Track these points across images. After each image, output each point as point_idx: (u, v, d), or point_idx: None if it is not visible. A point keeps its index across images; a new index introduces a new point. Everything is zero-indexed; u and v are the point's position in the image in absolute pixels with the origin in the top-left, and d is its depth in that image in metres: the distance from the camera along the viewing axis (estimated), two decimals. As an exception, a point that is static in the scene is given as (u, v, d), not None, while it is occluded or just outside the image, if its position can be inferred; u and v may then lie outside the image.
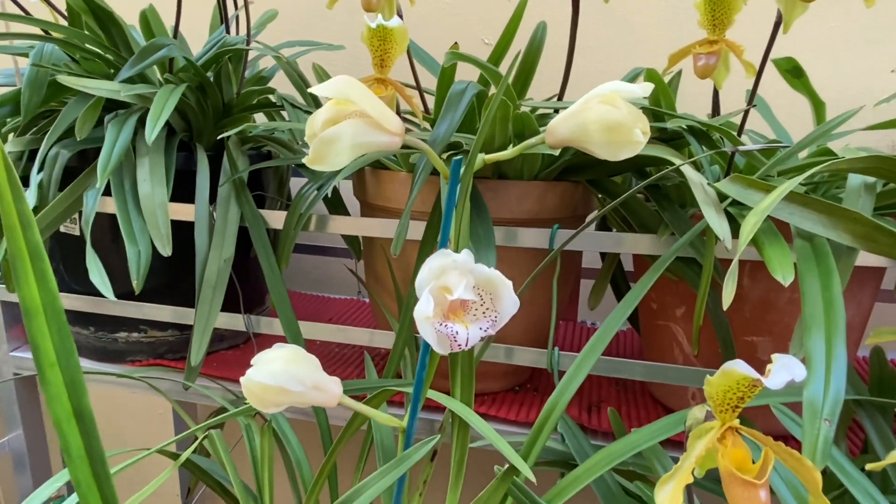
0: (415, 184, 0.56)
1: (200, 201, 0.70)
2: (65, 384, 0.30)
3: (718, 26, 0.59)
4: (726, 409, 0.32)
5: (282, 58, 0.68)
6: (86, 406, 0.31)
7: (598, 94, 0.35)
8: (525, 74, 0.70)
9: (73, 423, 0.31)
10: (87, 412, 0.31)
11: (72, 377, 0.30)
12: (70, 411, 0.30)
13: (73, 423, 0.31)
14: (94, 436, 0.32)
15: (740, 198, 0.48)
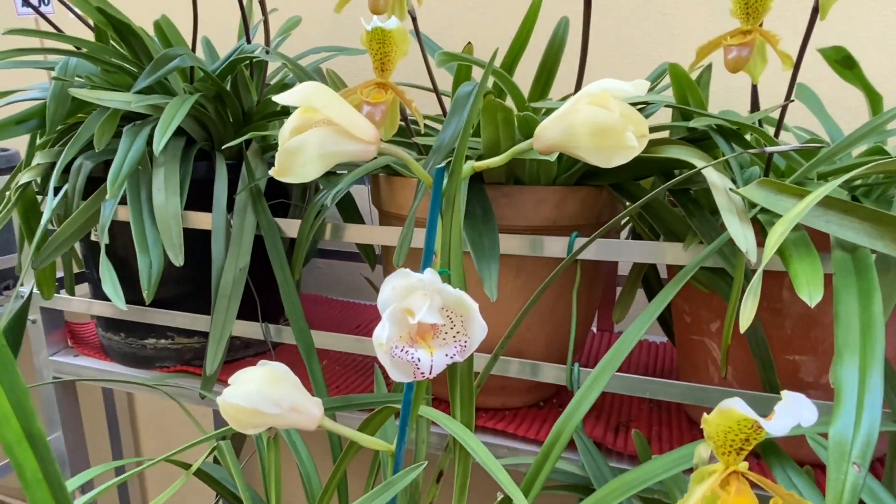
0: (418, 192, 0.54)
1: (218, 210, 0.70)
2: (11, 408, 0.29)
3: (752, 15, 0.54)
4: (729, 452, 0.28)
5: (295, 65, 0.67)
6: (36, 429, 0.30)
7: (587, 93, 0.32)
8: (547, 74, 0.67)
9: (25, 445, 0.30)
10: (39, 434, 0.30)
11: (18, 400, 0.29)
12: (21, 434, 0.30)
13: (25, 446, 0.30)
14: (48, 459, 0.31)
15: (769, 205, 0.43)
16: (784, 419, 0.24)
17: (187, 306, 0.77)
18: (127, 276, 0.73)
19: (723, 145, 0.51)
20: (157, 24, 0.68)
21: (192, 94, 0.66)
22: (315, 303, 1.11)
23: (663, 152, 0.54)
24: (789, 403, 0.25)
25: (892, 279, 0.43)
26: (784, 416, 0.24)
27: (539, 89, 0.66)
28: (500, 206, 0.61)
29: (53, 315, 0.90)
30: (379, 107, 0.51)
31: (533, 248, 0.60)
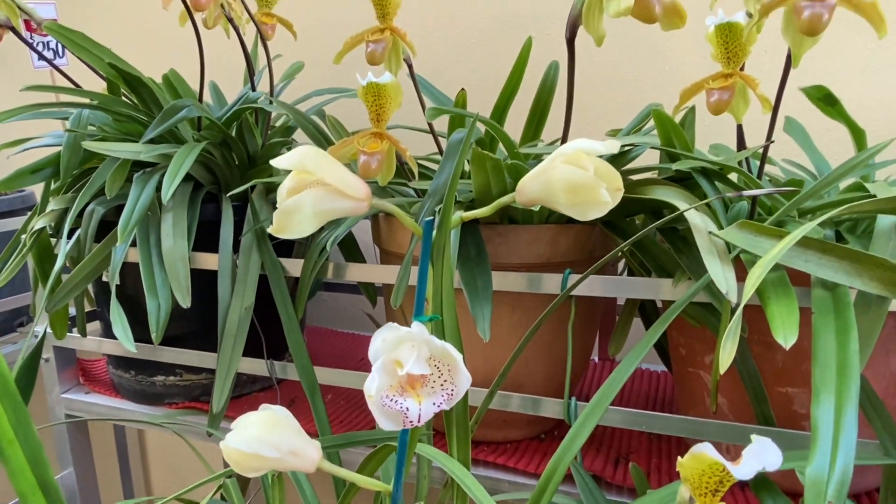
0: (414, 235, 0.56)
1: (224, 251, 0.72)
2: (27, 460, 0.31)
3: (733, 59, 0.56)
4: (705, 493, 0.29)
5: (296, 113, 0.70)
6: (50, 479, 0.32)
7: (562, 153, 0.34)
8: (539, 115, 0.69)
9: (39, 495, 0.32)
10: (52, 485, 0.32)
11: (33, 453, 0.31)
12: (35, 485, 0.31)
13: (39, 496, 0.32)
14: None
15: (749, 246, 0.44)
16: (750, 464, 0.26)
17: (194, 343, 0.79)
18: (137, 313, 0.75)
19: (705, 186, 0.53)
20: (165, 77, 0.72)
21: (199, 142, 0.69)
22: (320, 335, 1.13)
23: (650, 193, 0.56)
24: (755, 448, 0.26)
25: (872, 316, 0.45)
26: (750, 460, 0.26)
27: (531, 131, 0.68)
28: (494, 244, 0.63)
29: (66, 353, 0.92)
30: (375, 156, 0.53)
31: (528, 286, 0.62)
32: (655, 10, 0.44)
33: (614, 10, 0.43)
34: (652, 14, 0.44)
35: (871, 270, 0.44)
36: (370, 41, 0.62)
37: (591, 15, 0.48)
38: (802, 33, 0.43)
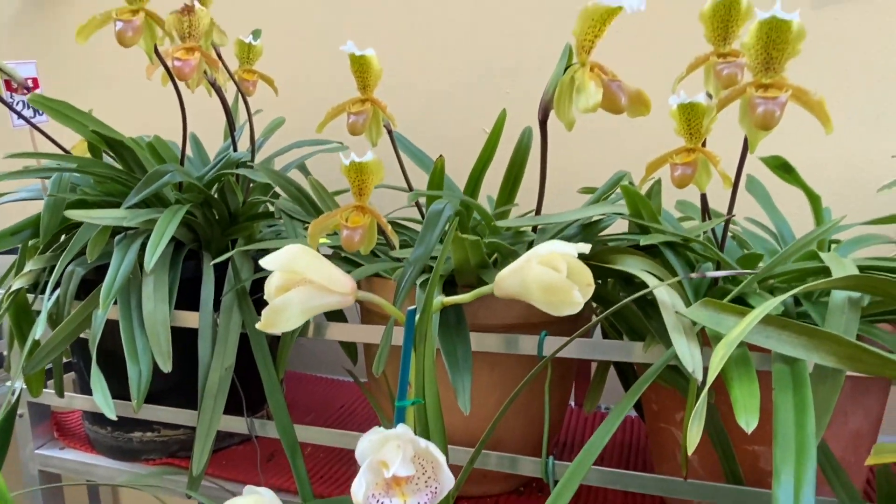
0: (397, 297, 0.57)
1: (204, 311, 0.73)
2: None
3: (695, 135, 0.59)
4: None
5: (278, 176, 0.72)
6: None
7: (537, 253, 0.36)
8: (513, 180, 0.72)
9: None
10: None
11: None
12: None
13: None
14: None
15: (713, 324, 0.47)
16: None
17: (173, 398, 0.79)
18: (114, 368, 0.75)
19: (671, 258, 0.56)
20: (149, 144, 0.73)
21: (182, 205, 0.70)
22: (299, 381, 1.13)
23: (621, 262, 0.59)
24: None
25: (829, 387, 0.47)
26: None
27: (506, 193, 0.71)
28: (473, 307, 0.65)
29: (40, 409, 0.91)
30: (357, 230, 0.55)
31: (506, 347, 0.64)
32: (622, 102, 0.47)
33: (583, 106, 0.46)
34: (619, 106, 0.47)
35: (827, 345, 0.47)
36: (352, 112, 0.65)
37: (562, 104, 0.51)
38: (756, 128, 0.46)
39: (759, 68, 0.47)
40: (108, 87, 1.27)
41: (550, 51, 0.98)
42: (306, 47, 1.11)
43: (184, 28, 0.66)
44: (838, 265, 0.52)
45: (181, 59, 0.64)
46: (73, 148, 0.88)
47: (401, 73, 1.06)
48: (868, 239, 0.70)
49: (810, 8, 0.86)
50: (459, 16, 1.02)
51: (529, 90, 1.01)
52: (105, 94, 1.27)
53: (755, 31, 0.46)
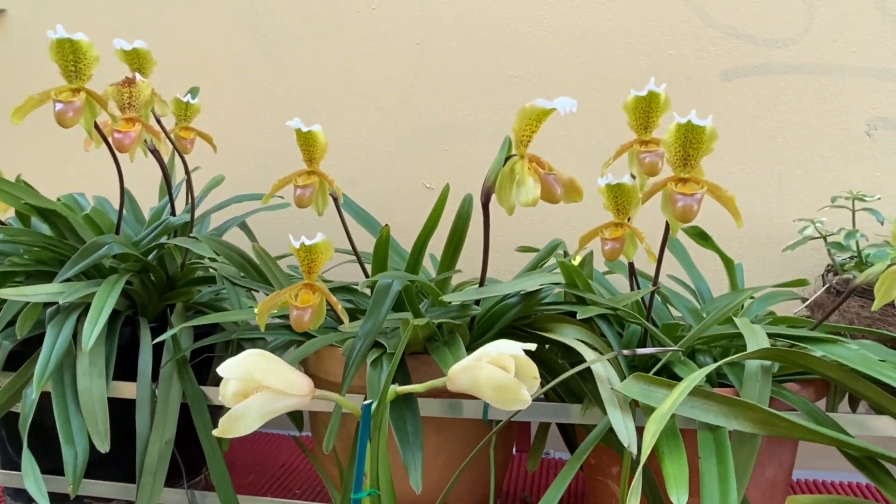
0: (345, 379, 0.58)
1: (142, 383, 0.71)
2: None
3: (622, 210, 0.64)
4: None
5: (221, 245, 0.72)
6: None
7: (487, 353, 0.39)
8: (454, 246, 0.74)
9: None
10: None
11: None
12: None
13: None
14: None
15: (644, 398, 0.51)
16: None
17: (109, 468, 0.76)
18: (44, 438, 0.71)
19: (605, 329, 0.60)
20: (86, 216, 0.71)
21: (120, 275, 0.68)
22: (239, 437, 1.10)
23: (558, 331, 0.62)
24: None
25: (748, 449, 0.52)
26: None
27: (448, 259, 0.73)
28: (419, 374, 0.67)
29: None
30: (307, 310, 0.56)
31: (451, 411, 0.66)
32: (557, 193, 0.51)
33: (523, 201, 0.50)
34: (555, 197, 0.51)
35: (745, 413, 0.52)
36: (298, 186, 0.66)
37: (503, 191, 0.54)
38: (676, 220, 0.51)
39: (678, 164, 0.53)
40: (38, 142, 1.22)
41: (486, 111, 1.04)
42: (244, 101, 1.11)
43: (124, 99, 0.66)
44: (751, 333, 0.58)
45: (121, 132, 0.64)
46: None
47: (341, 130, 1.08)
48: (776, 296, 0.77)
49: (719, 81, 0.95)
50: (399, 77, 1.05)
51: (466, 148, 1.06)
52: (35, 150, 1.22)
53: (674, 132, 0.52)
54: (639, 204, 0.63)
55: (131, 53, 0.70)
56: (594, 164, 1.01)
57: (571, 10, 0.98)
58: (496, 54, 1.01)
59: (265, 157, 1.13)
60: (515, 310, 0.65)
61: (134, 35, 1.12)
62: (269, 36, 1.09)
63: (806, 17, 0.91)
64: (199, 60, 1.12)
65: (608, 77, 0.98)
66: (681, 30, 0.95)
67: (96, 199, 0.94)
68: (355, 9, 1.05)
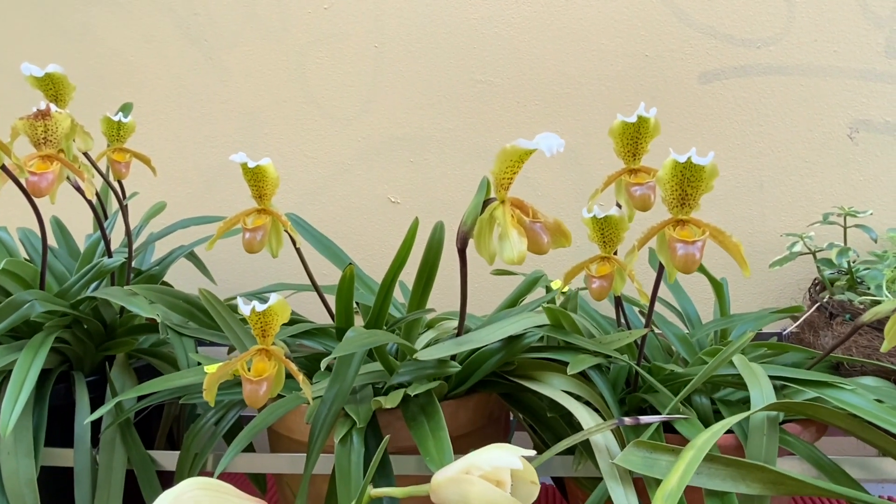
0: (311, 451, 0.52)
1: (81, 450, 0.63)
2: None
3: (608, 244, 0.59)
4: None
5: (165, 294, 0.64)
6: None
7: (477, 465, 0.33)
8: (426, 279, 0.68)
9: None
10: None
11: None
12: None
13: None
14: None
15: (646, 468, 0.46)
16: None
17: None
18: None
19: (596, 379, 0.55)
20: (6, 269, 0.61)
21: (47, 334, 0.60)
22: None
23: (545, 381, 0.57)
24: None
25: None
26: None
27: (418, 297, 0.67)
28: (395, 428, 0.60)
29: None
30: (262, 383, 0.49)
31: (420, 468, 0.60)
32: (545, 243, 0.45)
33: (508, 257, 0.43)
34: (542, 247, 0.45)
35: (752, 474, 0.48)
36: (248, 229, 0.58)
37: (482, 239, 0.48)
38: (677, 269, 0.46)
39: (675, 204, 0.47)
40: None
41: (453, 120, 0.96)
42: (183, 112, 1.01)
43: (38, 134, 0.56)
44: (753, 379, 0.54)
45: (36, 174, 0.55)
46: None
47: (294, 143, 1.00)
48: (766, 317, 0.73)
49: (697, 83, 0.90)
50: (357, 83, 0.97)
51: (432, 160, 0.98)
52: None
53: (670, 170, 0.46)
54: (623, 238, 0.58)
55: (45, 80, 0.60)
56: (568, 175, 0.97)
57: (542, 11, 0.91)
58: (462, 58, 0.94)
59: (209, 174, 1.03)
60: (497, 357, 0.59)
61: (53, 40, 1.02)
62: (210, 40, 0.99)
63: (786, 16, 0.87)
64: (130, 69, 1.01)
65: (582, 80, 0.92)
66: (657, 30, 0.89)
67: (21, 231, 0.84)
68: (305, 9, 0.96)
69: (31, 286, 0.66)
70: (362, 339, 0.49)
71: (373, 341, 0.50)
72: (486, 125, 0.96)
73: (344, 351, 0.48)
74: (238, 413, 0.64)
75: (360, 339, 0.49)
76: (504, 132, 0.95)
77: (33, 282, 0.66)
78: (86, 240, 0.88)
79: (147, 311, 0.59)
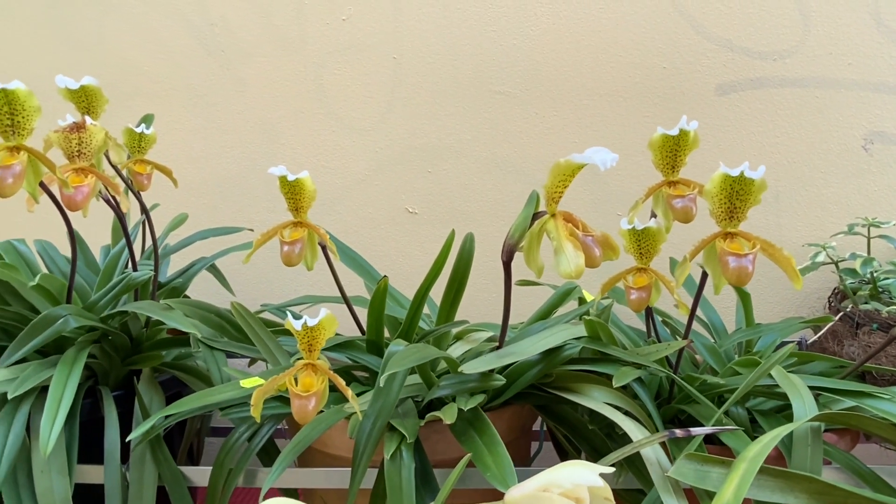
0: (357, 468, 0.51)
1: (111, 467, 0.62)
2: None
3: (645, 255, 0.59)
4: None
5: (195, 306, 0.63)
6: None
7: (557, 483, 0.33)
8: (455, 289, 0.68)
9: None
10: None
11: None
12: None
13: None
14: None
15: (698, 481, 0.47)
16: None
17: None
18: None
19: (641, 394, 0.55)
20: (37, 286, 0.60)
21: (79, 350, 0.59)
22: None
23: (585, 392, 0.57)
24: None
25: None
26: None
27: (446, 310, 0.67)
28: (432, 441, 0.60)
29: None
30: (311, 398, 0.48)
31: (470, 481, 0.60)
32: (597, 256, 0.46)
33: (565, 271, 0.44)
34: (595, 261, 0.46)
35: (800, 485, 0.48)
36: (286, 242, 0.58)
37: (532, 253, 0.48)
38: (730, 282, 0.46)
39: (723, 216, 0.48)
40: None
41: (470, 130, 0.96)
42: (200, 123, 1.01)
43: (73, 147, 0.56)
44: (794, 390, 0.54)
45: (73, 187, 0.54)
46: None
47: (311, 154, 0.99)
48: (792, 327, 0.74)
49: (714, 95, 0.91)
50: (375, 94, 0.97)
51: (450, 169, 0.98)
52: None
53: (719, 183, 0.47)
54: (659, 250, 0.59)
55: (79, 92, 0.60)
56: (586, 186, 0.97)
57: (561, 22, 0.92)
58: (480, 69, 0.94)
59: (226, 184, 1.03)
60: (536, 369, 0.59)
61: (67, 50, 1.01)
62: (227, 51, 0.98)
63: (801, 29, 0.88)
64: (146, 79, 1.00)
65: (599, 92, 0.93)
66: (675, 42, 0.90)
67: (38, 244, 0.82)
68: (323, 20, 0.96)
69: (59, 300, 0.65)
70: (414, 354, 0.49)
71: (423, 356, 0.50)
72: (504, 135, 0.96)
73: (399, 366, 0.47)
74: (273, 428, 0.64)
75: (412, 354, 0.49)
76: (521, 143, 0.95)
77: (60, 296, 0.65)
78: (101, 252, 0.87)
79: (186, 326, 0.59)
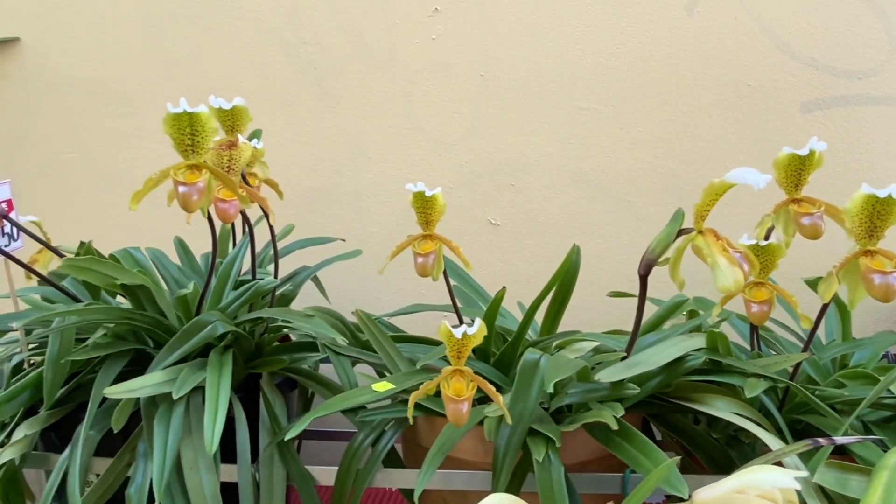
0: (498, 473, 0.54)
1: (242, 467, 0.65)
2: None
3: (764, 270, 0.62)
4: None
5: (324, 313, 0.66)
6: None
7: (755, 485, 0.35)
8: (559, 302, 0.70)
9: None
10: None
11: None
12: None
13: None
14: None
15: (839, 487, 0.48)
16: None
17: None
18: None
19: (768, 404, 0.57)
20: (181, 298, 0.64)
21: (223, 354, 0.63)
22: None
23: (707, 402, 0.59)
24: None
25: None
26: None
27: (550, 320, 0.69)
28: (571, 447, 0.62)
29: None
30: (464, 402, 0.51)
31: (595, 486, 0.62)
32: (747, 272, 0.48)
33: (723, 286, 0.46)
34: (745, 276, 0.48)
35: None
36: (420, 254, 0.61)
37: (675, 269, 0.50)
38: (875, 298, 0.48)
39: (863, 235, 0.50)
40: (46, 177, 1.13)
41: (554, 145, 0.99)
42: (291, 136, 1.05)
43: (224, 163, 0.60)
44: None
45: (226, 202, 0.58)
46: (32, 261, 0.77)
47: (397, 167, 1.03)
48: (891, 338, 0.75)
49: (799, 112, 0.93)
50: (461, 110, 1.00)
51: (533, 183, 1.01)
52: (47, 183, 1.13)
53: (860, 203, 0.49)
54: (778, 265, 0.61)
55: (228, 113, 0.63)
56: (668, 199, 0.99)
57: (646, 42, 0.94)
58: (565, 85, 0.97)
59: (313, 196, 1.06)
60: (658, 379, 0.61)
61: (164, 67, 1.06)
62: (319, 68, 1.02)
63: (886, 48, 0.90)
64: (240, 95, 1.03)
65: (684, 108, 0.95)
66: (760, 61, 0.92)
67: (150, 252, 0.87)
68: (413, 39, 1.00)
69: (190, 307, 0.69)
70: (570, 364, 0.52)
71: (575, 365, 0.53)
72: (588, 150, 0.99)
73: (558, 375, 0.50)
74: (397, 433, 0.66)
75: (565, 363, 0.52)
76: (606, 157, 0.98)
77: (192, 303, 0.69)
78: (201, 259, 0.91)
79: (331, 333, 0.62)
